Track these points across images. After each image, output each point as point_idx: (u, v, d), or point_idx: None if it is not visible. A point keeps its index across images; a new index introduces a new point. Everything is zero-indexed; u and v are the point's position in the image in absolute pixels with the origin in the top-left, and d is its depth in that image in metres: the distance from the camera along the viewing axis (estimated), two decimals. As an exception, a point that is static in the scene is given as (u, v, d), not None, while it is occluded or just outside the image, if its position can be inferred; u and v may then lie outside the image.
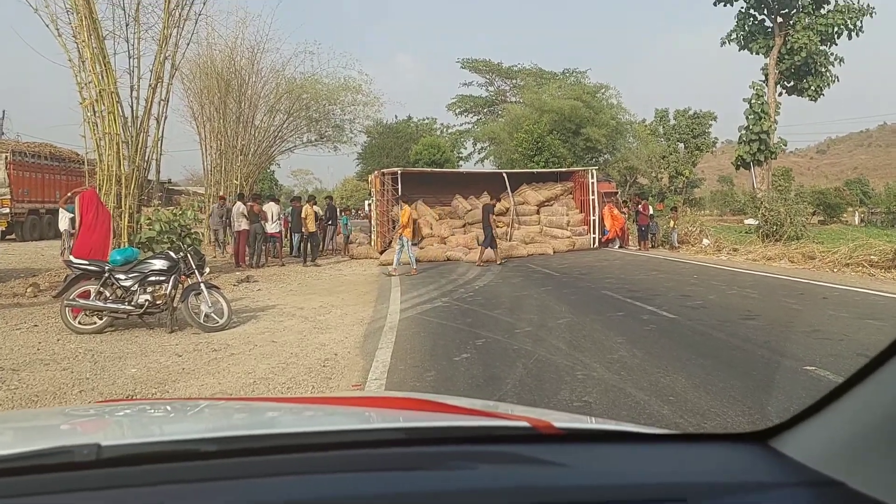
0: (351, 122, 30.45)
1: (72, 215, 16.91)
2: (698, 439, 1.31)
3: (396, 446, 1.21)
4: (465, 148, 51.39)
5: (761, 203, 21.48)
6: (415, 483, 1.07)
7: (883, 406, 0.90)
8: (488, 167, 42.74)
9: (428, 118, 55.87)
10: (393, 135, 49.25)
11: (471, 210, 21.33)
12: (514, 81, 51.23)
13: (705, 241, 21.73)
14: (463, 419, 1.51)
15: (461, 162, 48.48)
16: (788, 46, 35.13)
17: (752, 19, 36.87)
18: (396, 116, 52.06)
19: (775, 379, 5.69)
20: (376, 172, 21.69)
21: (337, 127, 30.12)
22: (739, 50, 37.48)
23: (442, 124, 55.87)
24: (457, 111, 53.00)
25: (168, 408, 2.04)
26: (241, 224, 17.05)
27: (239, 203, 17.67)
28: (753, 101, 34.07)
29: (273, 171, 53.43)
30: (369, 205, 25.65)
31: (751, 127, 33.94)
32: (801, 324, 8.23)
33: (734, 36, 37.39)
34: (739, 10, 37.01)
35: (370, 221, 22.69)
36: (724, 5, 37.00)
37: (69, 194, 18.80)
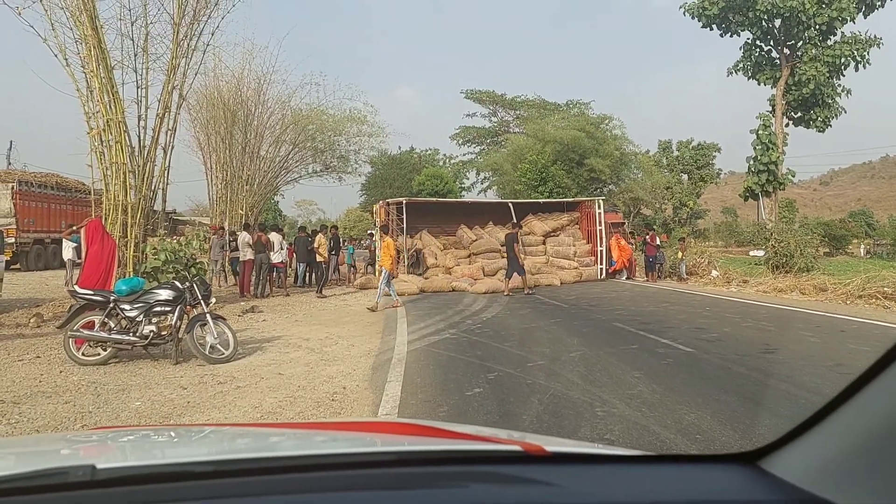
0: (356, 152, 30.54)
1: (76, 245, 16.84)
2: (688, 461, 1.32)
3: (389, 467, 1.23)
4: (468, 178, 51.60)
5: (771, 234, 21.29)
6: (407, 501, 1.08)
7: (868, 424, 0.90)
8: (491, 197, 42.82)
9: (430, 149, 56.23)
10: (396, 166, 49.41)
11: (476, 240, 21.21)
12: (517, 112, 51.55)
13: (714, 273, 21.53)
14: (456, 443, 1.54)
15: (463, 192, 48.57)
16: (796, 78, 35.27)
17: (758, 50, 37.11)
18: (400, 147, 52.36)
19: (804, 416, 5.48)
20: (381, 203, 21.62)
21: (342, 157, 30.19)
22: (747, 80, 37.67)
23: (444, 155, 56.19)
24: (460, 142, 53.33)
25: (165, 433, 2.09)
26: (247, 254, 16.94)
27: (244, 233, 17.58)
28: (761, 131, 34.11)
29: (277, 202, 53.62)
30: (371, 235, 25.53)
31: (759, 158, 33.94)
32: (822, 358, 8.02)
33: (741, 66, 37.61)
34: (746, 42, 37.29)
35: (373, 252, 22.53)
36: (731, 36, 37.26)
37: (73, 226, 18.77)
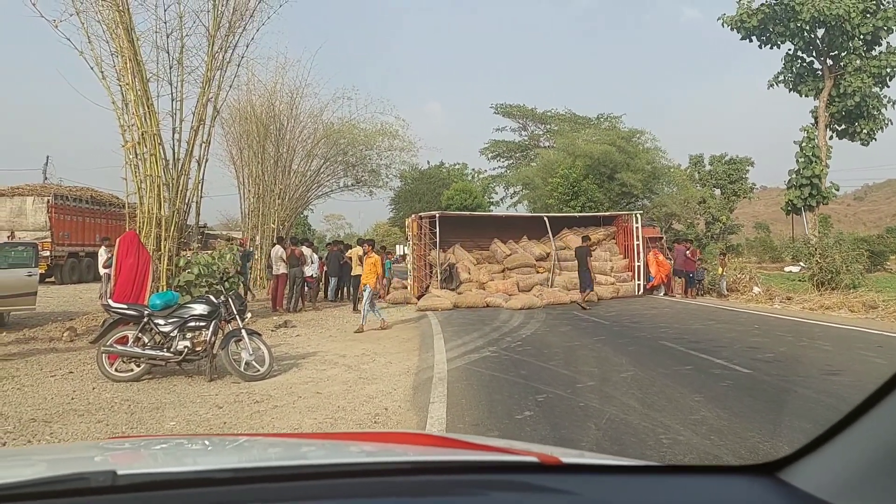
0: (387, 166, 30.41)
1: (109, 255, 16.78)
2: (706, 471, 1.33)
3: (408, 475, 1.24)
4: (496, 193, 51.16)
5: (815, 250, 20.56)
6: None
7: (889, 435, 0.88)
8: (522, 212, 42.38)
9: (459, 163, 55.97)
10: (425, 180, 49.21)
11: (510, 255, 20.80)
12: (547, 126, 51.14)
13: (756, 289, 20.86)
14: (474, 453, 1.56)
15: (492, 207, 48.15)
16: (840, 90, 34.31)
17: (800, 61, 36.20)
18: (429, 162, 52.16)
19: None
20: (414, 216, 21.31)
21: (373, 171, 30.08)
22: (789, 92, 36.68)
23: (473, 169, 55.86)
24: (489, 156, 52.94)
25: (186, 441, 2.15)
26: (280, 268, 16.75)
27: (278, 247, 17.40)
28: (804, 144, 33.08)
29: (306, 216, 53.72)
30: (403, 248, 25.32)
31: (801, 171, 32.94)
32: (893, 381, 7.49)
33: (782, 78, 36.74)
34: (787, 52, 36.35)
35: (408, 265, 22.22)
36: (771, 48, 36.41)
37: (108, 239, 18.72)
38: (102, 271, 17.12)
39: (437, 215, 20.43)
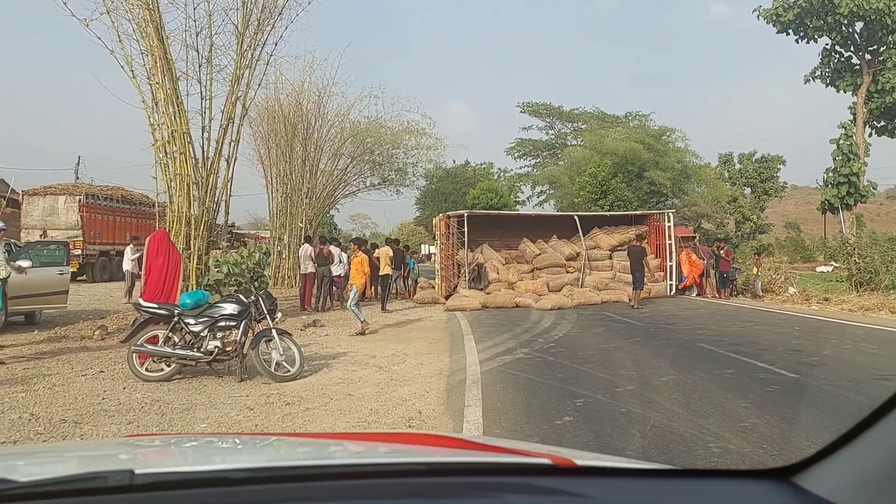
0: (414, 165, 30.28)
1: (138, 255, 16.88)
2: (720, 475, 1.31)
3: (422, 476, 1.24)
4: (522, 192, 50.79)
5: (854, 249, 19.97)
6: None
7: None
8: (548, 211, 41.99)
9: (485, 163, 55.66)
10: (451, 179, 49.02)
11: (539, 254, 20.53)
12: (574, 125, 50.69)
13: (791, 290, 20.35)
14: (489, 455, 1.57)
15: (518, 206, 47.80)
16: (879, 86, 33.40)
17: (837, 56, 35.33)
18: (454, 161, 51.94)
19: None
20: (441, 216, 21.12)
21: (399, 170, 29.96)
22: (826, 87, 35.86)
23: (499, 168, 55.52)
24: (516, 155, 52.65)
25: (204, 441, 2.19)
26: (308, 267, 16.67)
27: (306, 245, 17.34)
28: (842, 141, 32.22)
29: (332, 216, 53.79)
30: (428, 248, 25.16)
31: (839, 169, 32.11)
32: (951, 387, 7.15)
33: (819, 73, 35.95)
34: (824, 48, 35.52)
35: (435, 265, 22.02)
36: (807, 42, 35.60)
37: (137, 238, 18.84)
38: (125, 269, 17.17)
39: (466, 214, 20.24)
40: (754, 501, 1.10)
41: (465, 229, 19.65)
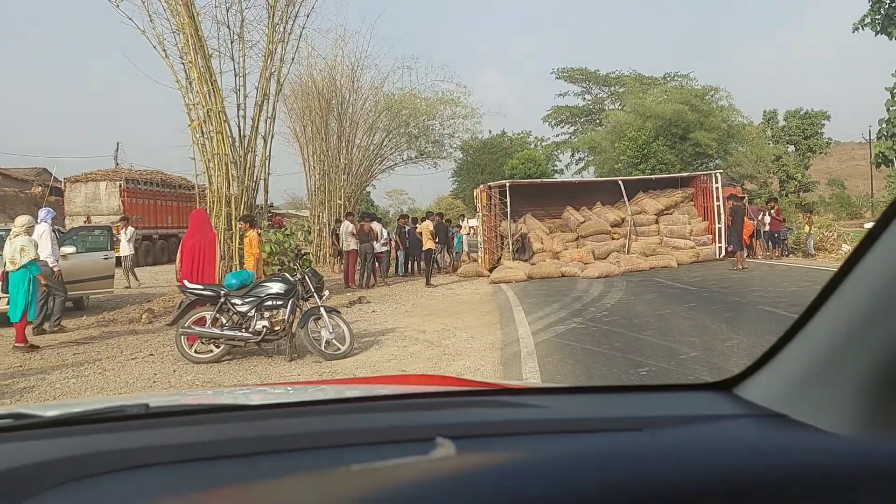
0: (451, 136, 29.82)
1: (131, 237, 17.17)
2: (667, 389, 1.43)
3: (390, 400, 1.46)
4: (560, 160, 49.86)
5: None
6: (408, 420, 1.20)
7: (820, 344, 0.96)
8: (588, 177, 41.21)
9: (522, 132, 54.73)
10: (487, 151, 48.30)
11: (584, 222, 20.03)
12: (611, 89, 49.49)
13: (845, 247, 19.59)
14: (464, 388, 1.74)
15: (556, 175, 46.96)
16: (934, 30, 31.67)
17: (888, 2, 33.45)
18: (490, 131, 51.14)
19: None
20: (482, 186, 20.70)
21: (436, 142, 29.56)
22: (876, 35, 33.94)
23: (536, 137, 54.55)
24: (553, 123, 51.67)
25: (240, 390, 2.47)
26: (350, 244, 16.49)
27: (347, 222, 17.16)
28: (896, 90, 30.62)
29: (369, 192, 53.60)
30: (468, 220, 24.78)
31: (892, 120, 30.59)
32: None
33: (868, 21, 34.14)
34: (875, -8, 33.59)
35: (478, 237, 21.64)
36: (856, -13, 33.74)
37: (127, 219, 18.94)
38: (122, 254, 16.72)
39: (508, 184, 19.77)
40: (694, 410, 1.16)
41: (508, 199, 19.23)
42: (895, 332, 0.86)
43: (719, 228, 20.02)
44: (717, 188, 20.03)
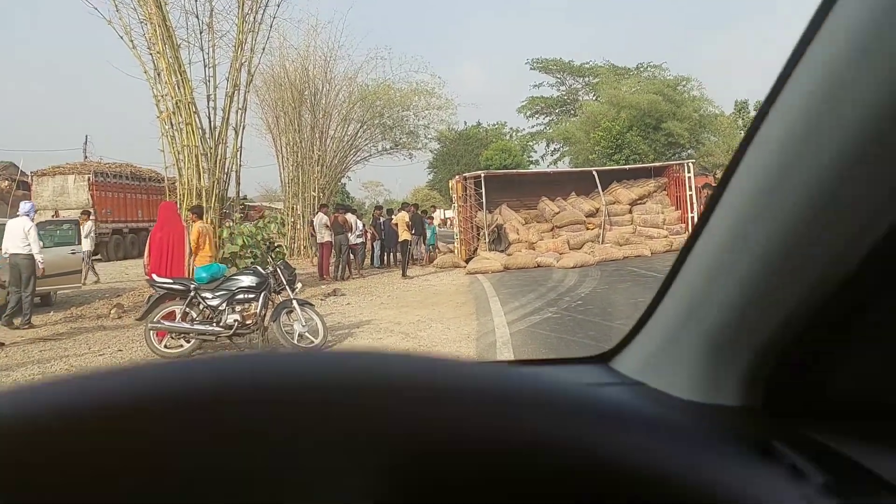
0: (425, 127, 29.71)
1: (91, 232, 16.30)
2: (548, 363, 1.45)
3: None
4: (536, 151, 49.99)
5: None
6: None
7: (669, 317, 1.01)
8: (562, 168, 41.36)
9: (497, 123, 54.70)
10: (463, 141, 48.26)
11: (559, 212, 20.07)
12: (586, 79, 49.61)
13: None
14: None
15: (531, 165, 47.03)
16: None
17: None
18: (466, 123, 51.06)
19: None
20: (458, 177, 20.64)
21: (411, 133, 29.43)
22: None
23: (511, 128, 54.53)
24: (528, 114, 51.67)
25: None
26: (325, 236, 16.35)
27: (321, 214, 17.00)
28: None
29: (344, 184, 53.33)
30: (444, 211, 24.73)
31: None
32: None
33: None
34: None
35: (454, 228, 21.59)
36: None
37: (89, 212, 18.38)
38: (84, 249, 15.76)
39: (483, 175, 19.74)
40: (570, 380, 1.08)
41: (483, 190, 19.20)
42: (721, 303, 0.88)
43: (692, 217, 20.18)
44: (689, 177, 20.19)
